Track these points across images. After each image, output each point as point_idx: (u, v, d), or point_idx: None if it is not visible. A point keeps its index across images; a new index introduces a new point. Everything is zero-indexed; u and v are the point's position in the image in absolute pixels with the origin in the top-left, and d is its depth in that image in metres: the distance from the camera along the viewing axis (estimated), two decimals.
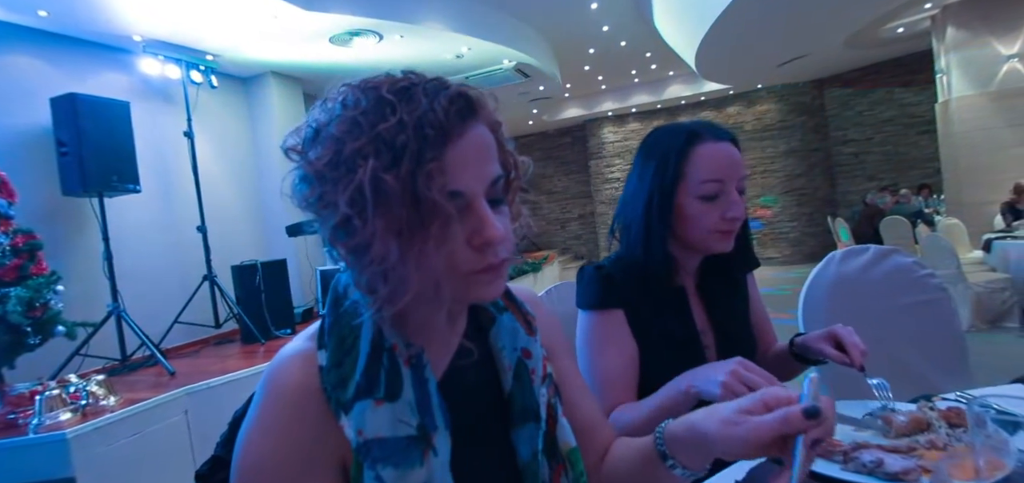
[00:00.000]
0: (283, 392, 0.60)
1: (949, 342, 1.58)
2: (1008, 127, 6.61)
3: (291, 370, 0.61)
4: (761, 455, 0.60)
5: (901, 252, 1.66)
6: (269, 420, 0.59)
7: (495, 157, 0.61)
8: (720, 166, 1.03)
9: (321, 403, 0.59)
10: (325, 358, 0.61)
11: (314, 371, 0.61)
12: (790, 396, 0.59)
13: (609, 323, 1.10)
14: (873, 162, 10.40)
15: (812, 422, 0.55)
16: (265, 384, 0.62)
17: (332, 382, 0.60)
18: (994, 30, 6.60)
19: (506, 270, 0.62)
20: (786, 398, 0.59)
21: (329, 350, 0.61)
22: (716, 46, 6.96)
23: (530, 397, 0.69)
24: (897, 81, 9.85)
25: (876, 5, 6.64)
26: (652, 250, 1.07)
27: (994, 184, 6.52)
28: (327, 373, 0.60)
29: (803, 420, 0.56)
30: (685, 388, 0.93)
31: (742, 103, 11.19)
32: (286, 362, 0.62)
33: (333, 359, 0.61)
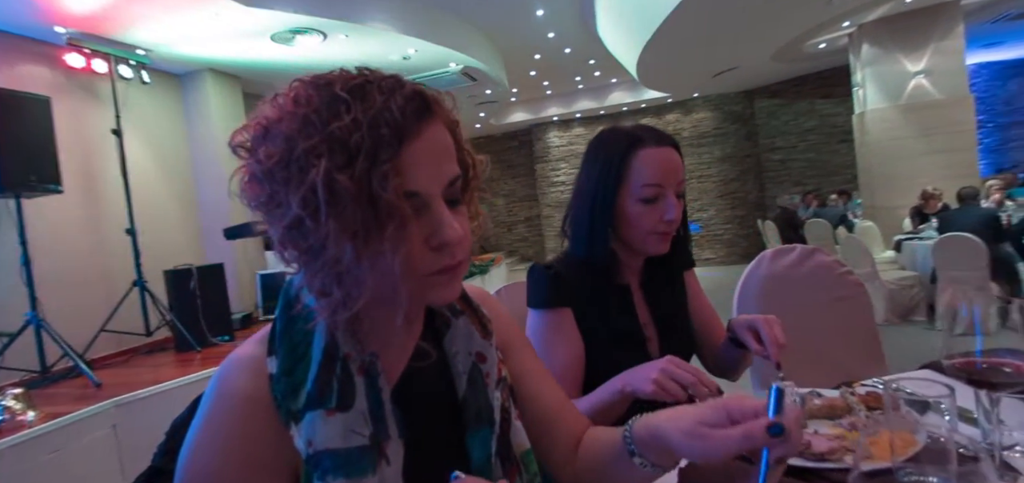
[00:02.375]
0: (231, 399, 0.58)
1: (866, 334, 1.73)
2: (916, 137, 7.21)
3: (240, 376, 0.59)
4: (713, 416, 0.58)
5: (823, 251, 1.80)
6: (216, 428, 0.58)
7: (453, 156, 0.60)
8: (660, 171, 1.09)
9: (270, 412, 0.58)
10: (275, 365, 0.59)
11: (264, 378, 0.59)
12: (755, 407, 0.56)
13: (558, 321, 1.14)
14: (798, 168, 11.07)
15: (776, 440, 0.52)
16: (213, 390, 0.60)
17: (282, 391, 0.58)
18: (903, 48, 7.19)
19: (464, 271, 0.62)
20: (751, 409, 0.56)
21: (280, 357, 0.60)
22: (656, 56, 7.22)
23: (484, 401, 0.68)
24: (819, 93, 10.54)
25: (799, 23, 7.09)
26: (596, 249, 1.12)
27: (904, 190, 7.09)
28: (277, 381, 0.58)
29: (767, 437, 0.52)
30: (620, 387, 0.98)
31: (680, 111, 11.66)
32: (235, 367, 0.60)
33: (284, 366, 0.59)
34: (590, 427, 0.83)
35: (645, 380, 0.94)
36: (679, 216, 1.10)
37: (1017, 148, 10.89)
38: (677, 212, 1.09)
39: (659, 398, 0.92)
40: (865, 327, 1.75)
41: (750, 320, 1.08)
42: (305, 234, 0.54)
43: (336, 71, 0.58)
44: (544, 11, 6.62)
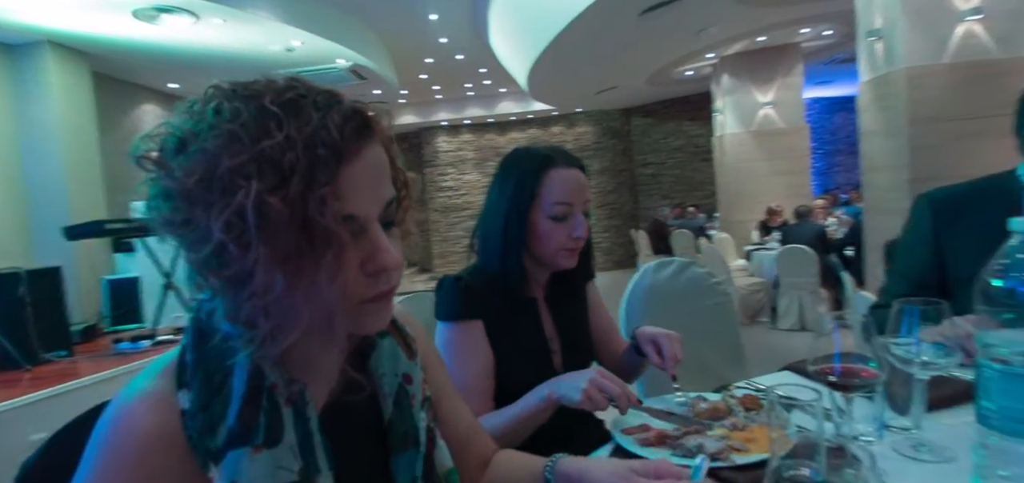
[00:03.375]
0: (135, 442, 0.52)
1: (730, 337, 1.93)
2: (763, 160, 8.21)
3: (143, 415, 0.53)
4: None
5: (697, 264, 1.99)
6: (117, 476, 0.51)
7: (389, 177, 0.58)
8: (569, 190, 1.15)
9: (184, 453, 0.52)
10: (188, 400, 0.54)
11: (173, 416, 0.53)
12: (680, 472, 0.63)
13: (468, 334, 1.15)
14: (667, 183, 12.08)
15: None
16: (108, 434, 0.52)
17: (198, 428, 0.53)
18: (755, 81, 8.16)
19: (394, 296, 0.60)
20: (677, 472, 0.63)
21: (194, 391, 0.54)
22: (544, 71, 7.51)
23: (410, 423, 0.67)
24: (686, 116, 11.60)
25: (671, 51, 7.79)
26: (508, 263, 1.15)
27: (752, 205, 8.05)
28: (192, 418, 0.53)
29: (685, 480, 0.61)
30: (547, 395, 1.01)
31: (564, 124, 12.20)
32: (132, 407, 0.53)
33: (199, 401, 0.54)
34: (499, 451, 0.85)
35: (574, 389, 0.97)
36: (586, 233, 1.16)
37: (840, 172, 12.81)
38: (584, 229, 1.15)
39: (585, 407, 0.97)
40: (730, 331, 1.96)
41: (653, 334, 1.18)
42: (228, 261, 0.49)
43: (262, 81, 0.53)
44: (437, 16, 6.59)
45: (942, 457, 0.80)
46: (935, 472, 0.77)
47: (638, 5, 5.46)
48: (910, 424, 0.87)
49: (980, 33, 4.27)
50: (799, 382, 1.09)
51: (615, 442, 0.96)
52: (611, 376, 0.98)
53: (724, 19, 6.49)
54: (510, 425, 1.04)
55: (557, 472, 0.73)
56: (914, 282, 1.40)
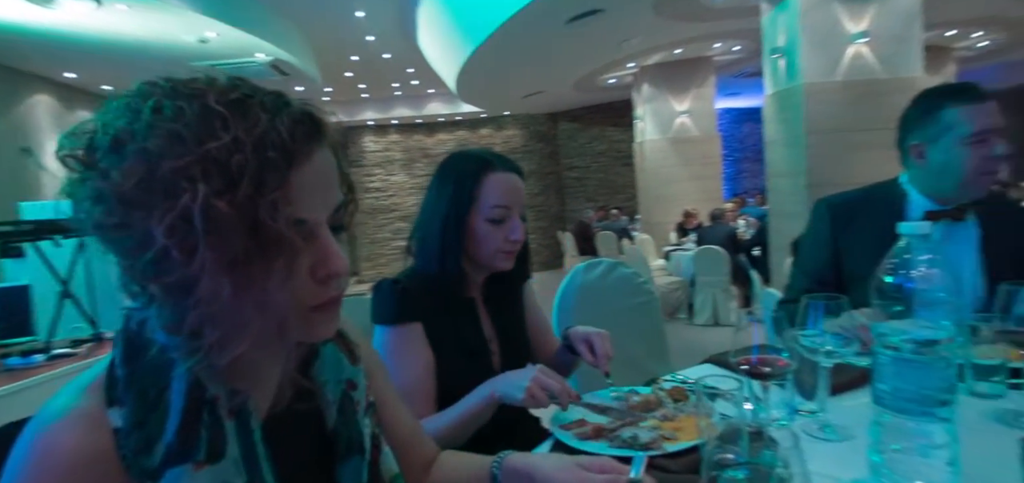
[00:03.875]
0: (60, 468, 0.48)
1: (655, 333, 2.04)
2: (680, 165, 8.67)
3: (71, 436, 0.49)
4: None
5: (624, 264, 2.09)
6: None
7: (337, 181, 0.57)
8: (507, 194, 1.18)
9: (117, 474, 0.50)
10: (121, 418, 0.51)
11: (105, 435, 0.50)
12: (623, 469, 0.69)
13: (407, 336, 1.15)
14: (591, 186, 12.46)
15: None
16: (28, 461, 0.49)
17: (134, 447, 0.50)
18: (673, 91, 8.60)
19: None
20: (620, 469, 0.69)
21: (127, 408, 0.51)
22: (474, 73, 7.53)
23: (355, 430, 0.66)
24: (609, 122, 12.02)
25: (595, 60, 8.06)
26: (447, 265, 1.16)
27: (671, 208, 8.49)
28: (126, 436, 0.50)
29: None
30: (489, 394, 1.03)
31: (492, 126, 12.27)
32: (57, 428, 0.50)
33: (134, 418, 0.51)
34: (441, 454, 0.86)
35: (516, 387, 1.00)
36: (523, 236, 1.19)
37: (747, 178, 13.75)
38: (521, 232, 1.18)
39: (528, 405, 1.00)
40: (655, 328, 2.07)
41: (586, 334, 1.23)
42: (171, 267, 0.47)
43: (203, 79, 0.51)
44: (364, 13, 6.44)
45: (844, 436, 0.90)
46: (838, 449, 0.87)
47: (564, 13, 5.62)
48: (816, 408, 0.97)
49: (867, 55, 4.75)
50: (720, 373, 1.18)
51: (554, 437, 1.00)
52: (552, 374, 1.01)
53: (644, 31, 6.81)
54: (452, 426, 1.06)
55: (504, 468, 0.75)
56: (815, 278, 1.55)
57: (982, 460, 0.74)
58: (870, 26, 4.72)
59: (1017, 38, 8.56)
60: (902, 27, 4.74)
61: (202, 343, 0.49)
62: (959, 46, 8.92)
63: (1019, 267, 1.28)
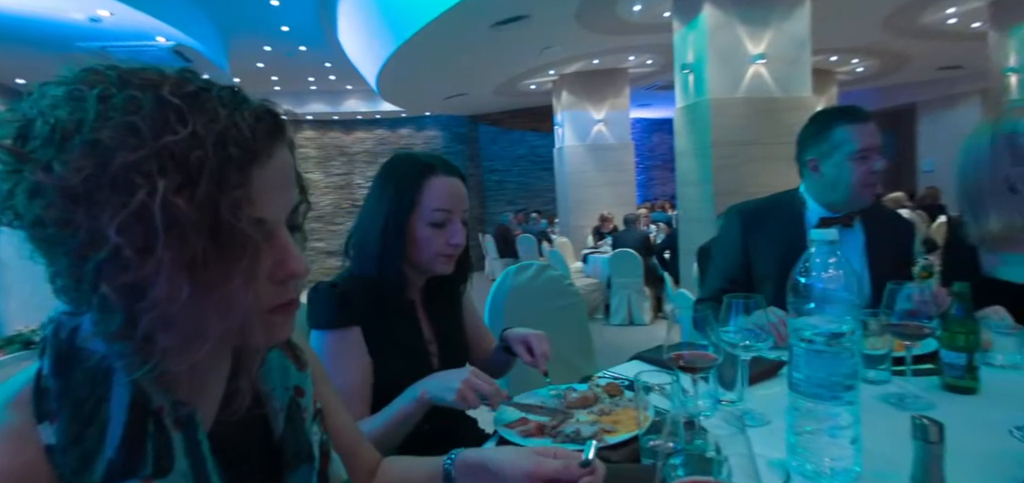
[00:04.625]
0: None
1: (583, 334, 2.12)
2: (596, 171, 9.00)
3: None
4: None
5: (553, 268, 2.15)
6: None
7: (294, 181, 0.56)
8: (449, 198, 1.18)
9: None
10: (53, 434, 0.47)
11: (35, 453, 0.46)
12: (575, 455, 0.71)
13: (346, 341, 1.13)
14: (512, 189, 12.63)
15: (585, 471, 0.68)
16: None
17: (71, 465, 0.47)
18: (590, 99, 8.92)
19: None
20: (572, 455, 0.71)
21: (60, 422, 0.47)
22: (396, 72, 7.40)
23: (303, 438, 0.65)
24: (530, 126, 12.25)
25: (516, 65, 8.19)
26: (386, 268, 1.15)
27: (588, 213, 8.79)
28: (62, 454, 0.47)
29: (579, 469, 0.68)
30: (419, 395, 1.03)
31: (413, 126, 12.11)
32: None
33: (69, 434, 0.47)
34: (383, 460, 0.86)
35: (447, 389, 1.00)
36: (464, 240, 1.20)
37: (657, 185, 14.51)
38: (462, 237, 1.19)
39: (459, 406, 1.00)
40: (581, 327, 2.15)
41: (523, 335, 1.26)
42: (123, 268, 0.44)
43: (152, 69, 0.48)
44: (279, 1, 6.14)
45: (762, 422, 1.00)
46: (758, 434, 0.96)
47: (490, 17, 5.67)
48: (735, 398, 1.06)
49: (765, 74, 5.19)
50: (648, 368, 1.26)
51: (499, 436, 1.02)
52: (483, 375, 1.03)
53: (565, 40, 7.01)
54: (385, 428, 1.05)
55: (458, 464, 0.76)
56: (728, 279, 1.69)
57: (877, 438, 0.84)
58: (767, 49, 5.16)
59: (888, 66, 9.71)
60: (794, 51, 5.23)
61: (155, 349, 0.47)
62: (841, 70, 9.96)
63: (897, 268, 1.47)
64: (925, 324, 1.03)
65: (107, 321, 0.46)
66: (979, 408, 1.00)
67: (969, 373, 1.06)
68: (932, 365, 1.13)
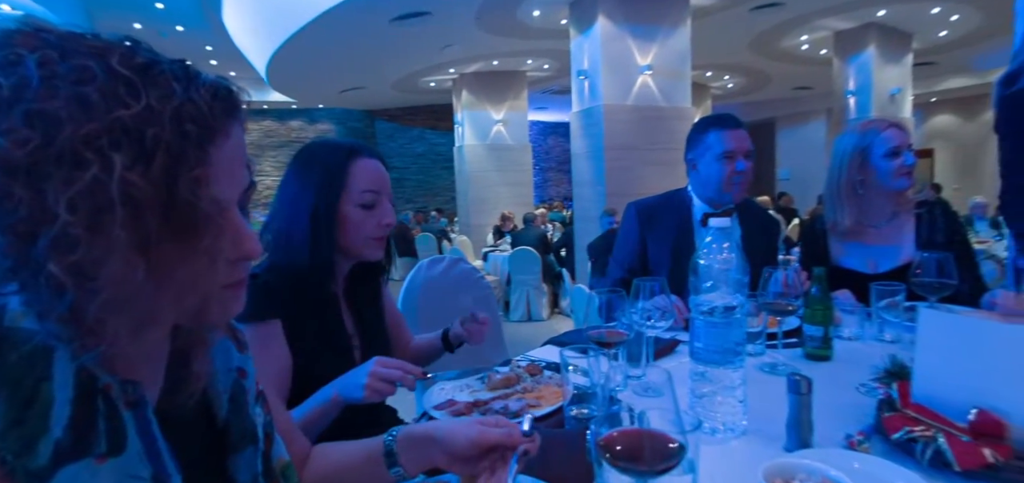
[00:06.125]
0: None
1: (495, 325, 2.19)
2: (497, 171, 9.17)
3: None
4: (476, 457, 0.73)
5: (465, 261, 2.20)
6: None
7: (246, 160, 0.55)
8: (376, 179, 1.18)
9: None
10: None
11: None
12: (515, 424, 0.76)
13: (265, 334, 1.09)
14: (410, 187, 12.46)
15: (527, 438, 0.73)
16: None
17: (13, 448, 0.44)
18: (490, 100, 9.06)
19: None
20: (512, 424, 0.75)
21: None
22: (288, 61, 7.02)
23: (247, 419, 0.65)
24: (429, 124, 12.16)
25: (416, 62, 8.13)
26: (319, 255, 1.13)
27: (488, 211, 8.94)
28: (2, 439, 0.44)
29: (520, 436, 0.73)
30: (332, 397, 1.03)
31: (305, 119, 11.53)
32: None
33: (8, 417, 0.45)
34: (316, 448, 0.86)
35: (356, 387, 1.00)
36: (394, 220, 1.21)
37: (552, 186, 15.06)
38: (393, 216, 1.20)
39: (372, 400, 1.01)
40: (493, 318, 2.22)
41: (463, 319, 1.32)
42: (71, 247, 0.42)
43: (94, 37, 0.46)
44: None
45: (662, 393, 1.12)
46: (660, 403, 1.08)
47: (390, 12, 5.58)
48: (640, 373, 1.17)
49: (652, 85, 5.62)
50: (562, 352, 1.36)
51: (427, 417, 1.05)
52: (389, 361, 1.03)
53: (465, 40, 7.08)
54: (299, 425, 1.03)
55: (400, 440, 0.78)
56: (627, 268, 1.85)
57: (757, 399, 0.99)
58: (653, 61, 5.59)
59: (753, 83, 10.86)
60: (677, 64, 5.71)
61: (105, 332, 0.45)
62: (714, 85, 10.99)
63: (767, 256, 1.70)
64: (792, 302, 1.22)
65: (54, 302, 0.44)
66: (833, 371, 1.20)
67: (825, 344, 1.27)
68: (797, 339, 1.33)
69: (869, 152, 1.69)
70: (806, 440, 0.83)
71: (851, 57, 7.66)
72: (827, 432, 0.87)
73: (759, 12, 6.54)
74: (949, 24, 7.42)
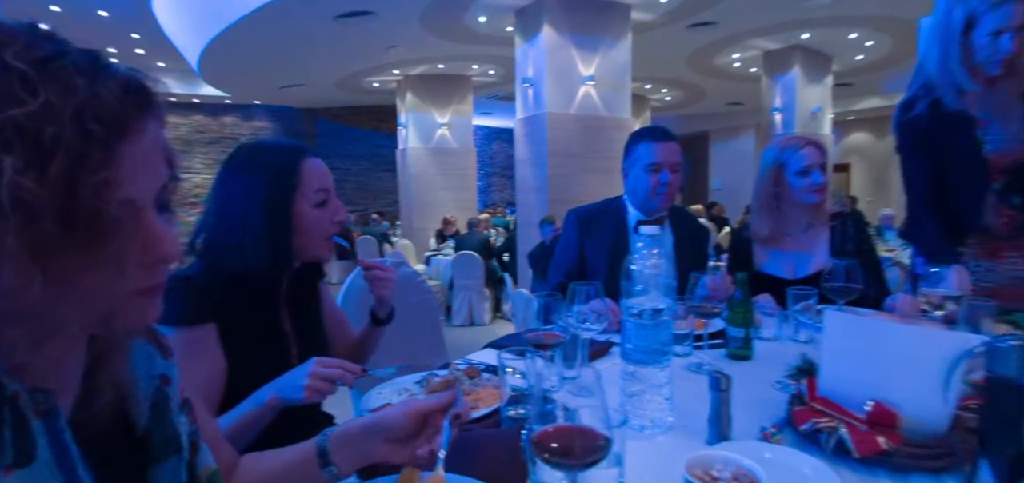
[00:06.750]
0: None
1: (435, 329, 2.19)
2: (439, 175, 9.13)
3: None
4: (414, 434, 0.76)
5: (406, 264, 2.20)
6: None
7: (164, 156, 0.52)
8: (326, 177, 1.17)
9: None
10: None
11: None
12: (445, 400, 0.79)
13: (198, 339, 1.05)
14: (351, 189, 12.18)
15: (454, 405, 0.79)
16: None
17: None
18: (435, 103, 9.02)
19: None
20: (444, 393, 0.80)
21: None
22: (223, 53, 6.72)
23: (170, 428, 0.62)
24: (371, 125, 11.94)
25: (360, 60, 7.98)
26: (280, 257, 1.10)
27: (431, 215, 8.88)
28: None
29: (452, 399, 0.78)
30: (268, 400, 1.01)
31: (239, 115, 11.07)
32: None
33: None
34: (243, 458, 0.83)
35: (295, 388, 0.99)
36: (346, 215, 1.20)
37: (496, 191, 15.12)
38: (344, 212, 1.20)
39: (313, 401, 1.00)
40: (433, 324, 2.22)
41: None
42: None
43: None
44: None
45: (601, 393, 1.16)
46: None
47: (333, 8, 5.46)
48: (575, 374, 1.21)
49: (593, 95, 5.77)
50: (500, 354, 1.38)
51: None
52: (329, 361, 1.02)
53: (410, 41, 7.02)
54: (231, 430, 1.00)
55: (334, 439, 0.77)
56: (565, 273, 1.90)
57: (684, 395, 1.04)
58: (596, 71, 5.75)
59: (689, 97, 11.34)
60: (618, 76, 5.89)
61: (3, 342, 0.43)
62: (653, 98, 11.39)
63: (696, 262, 1.79)
64: (716, 305, 1.30)
65: None
66: (753, 370, 1.28)
67: (746, 344, 1.35)
68: (722, 340, 1.42)
69: (785, 168, 1.82)
70: (725, 434, 0.89)
71: (778, 76, 8.14)
72: (745, 426, 0.93)
73: (695, 30, 6.85)
74: (865, 49, 8.03)
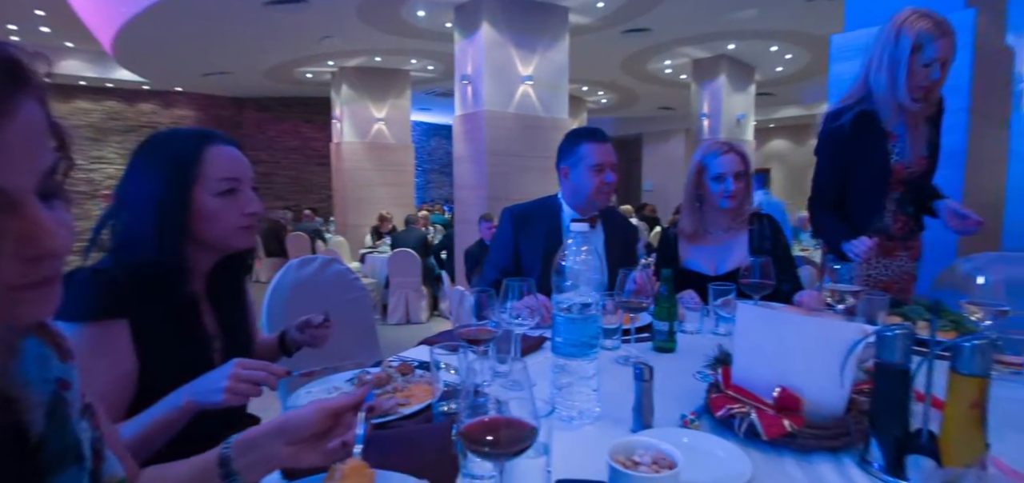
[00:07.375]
0: None
1: (369, 328, 2.16)
2: (376, 170, 8.94)
3: None
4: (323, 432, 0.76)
5: (339, 261, 2.14)
6: None
7: (47, 138, 0.48)
8: (234, 166, 1.11)
9: None
10: None
11: None
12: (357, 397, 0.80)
13: (107, 336, 0.99)
14: (281, 183, 11.71)
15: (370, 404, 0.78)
16: None
17: None
18: (372, 97, 8.82)
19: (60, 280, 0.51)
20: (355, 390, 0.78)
21: None
22: (141, 35, 6.28)
23: (70, 436, 0.58)
24: (303, 117, 11.52)
25: (292, 50, 7.68)
26: (167, 250, 1.04)
27: (366, 212, 8.69)
28: None
29: (362, 394, 0.79)
30: (183, 403, 0.96)
31: (158, 102, 10.38)
32: None
33: None
34: (143, 472, 0.79)
35: (215, 391, 0.94)
36: (261, 208, 1.15)
37: (434, 187, 14.98)
38: (258, 203, 1.14)
39: (233, 403, 0.96)
40: (366, 322, 2.18)
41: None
42: None
43: None
44: None
45: None
46: None
47: None
48: (508, 368, 1.23)
49: (531, 94, 5.84)
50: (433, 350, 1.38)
51: None
52: (250, 362, 0.99)
53: (346, 32, 6.83)
54: (141, 435, 0.95)
55: (237, 445, 0.74)
56: (501, 270, 1.92)
57: (612, 387, 1.09)
58: (534, 72, 5.82)
59: (623, 101, 11.68)
60: (555, 77, 5.99)
61: None
62: (589, 100, 11.66)
63: (626, 259, 1.86)
64: (643, 300, 1.36)
65: None
66: (676, 361, 1.35)
67: (670, 337, 1.42)
68: (648, 333, 1.48)
69: (705, 171, 1.93)
70: (648, 421, 0.94)
71: (706, 83, 8.55)
72: (668, 413, 0.98)
73: (629, 35, 7.07)
74: (784, 61, 8.57)
